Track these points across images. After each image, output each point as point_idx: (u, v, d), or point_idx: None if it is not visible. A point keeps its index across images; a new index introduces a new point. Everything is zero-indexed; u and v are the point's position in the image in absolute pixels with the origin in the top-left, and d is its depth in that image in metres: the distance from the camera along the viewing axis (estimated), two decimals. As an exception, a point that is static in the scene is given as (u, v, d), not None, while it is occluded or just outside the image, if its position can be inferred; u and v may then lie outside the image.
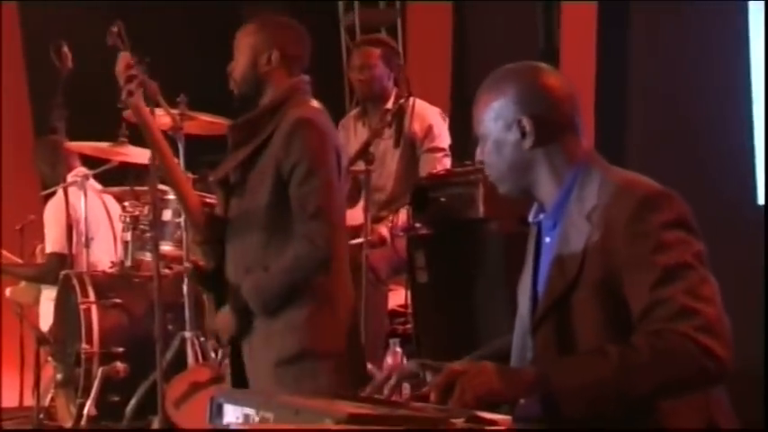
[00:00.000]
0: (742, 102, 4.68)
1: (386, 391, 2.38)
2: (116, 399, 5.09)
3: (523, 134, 2.35)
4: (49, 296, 5.72)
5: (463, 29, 7.00)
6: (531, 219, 2.47)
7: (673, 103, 5.12)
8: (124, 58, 3.66)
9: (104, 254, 5.78)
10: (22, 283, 5.98)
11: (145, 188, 5.41)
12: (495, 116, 2.38)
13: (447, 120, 5.25)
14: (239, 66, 3.56)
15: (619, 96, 5.45)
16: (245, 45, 3.56)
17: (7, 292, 6.03)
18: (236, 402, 2.18)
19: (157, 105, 4.63)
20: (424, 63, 6.97)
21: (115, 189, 5.81)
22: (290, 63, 3.56)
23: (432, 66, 6.99)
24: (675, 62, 5.11)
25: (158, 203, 4.86)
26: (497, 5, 6.54)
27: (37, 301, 5.88)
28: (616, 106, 5.41)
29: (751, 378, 2.24)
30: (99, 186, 5.74)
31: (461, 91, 6.67)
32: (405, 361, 3.29)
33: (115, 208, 5.90)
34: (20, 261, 6.04)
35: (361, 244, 4.29)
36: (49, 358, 5.43)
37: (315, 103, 3.56)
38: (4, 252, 5.94)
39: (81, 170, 5.71)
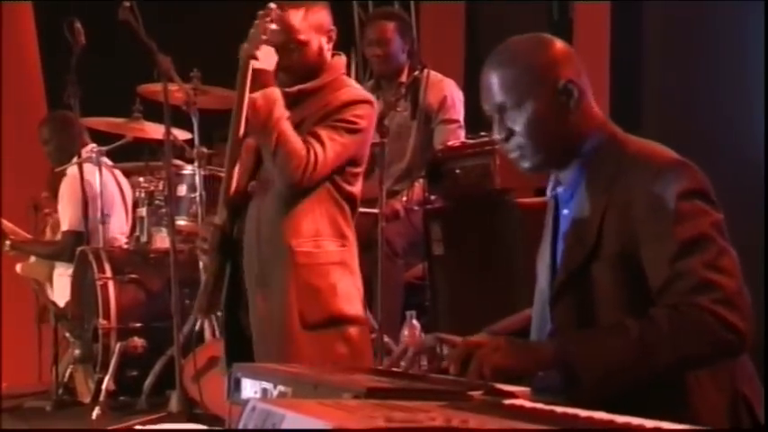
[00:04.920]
0: (759, 99, 4.62)
1: (404, 364, 2.38)
2: (134, 374, 5.13)
3: (569, 98, 2.29)
4: (61, 272, 5.73)
5: (476, 11, 6.96)
6: (548, 192, 2.45)
7: (687, 104, 5.06)
8: (271, 10, 3.38)
9: (119, 230, 5.79)
10: (32, 259, 5.99)
11: (159, 163, 5.42)
12: (533, 83, 2.29)
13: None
14: (301, 56, 3.47)
15: (632, 95, 5.39)
16: (305, 30, 3.46)
17: (18, 268, 6.03)
18: (254, 377, 2.18)
19: (171, 80, 4.65)
20: (437, 36, 6.94)
21: (130, 165, 5.81)
22: (333, 41, 3.58)
23: (445, 39, 6.95)
24: (689, 63, 5.04)
25: (173, 179, 4.87)
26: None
27: (49, 277, 5.89)
28: (630, 106, 5.35)
29: (751, 355, 2.22)
30: (109, 162, 5.74)
31: (475, 62, 6.63)
32: (421, 333, 3.30)
33: (124, 182, 5.90)
34: (28, 236, 6.02)
35: (376, 218, 4.29)
36: (67, 334, 5.45)
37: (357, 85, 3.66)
38: (14, 228, 5.94)
39: (93, 146, 5.70)
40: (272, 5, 3.39)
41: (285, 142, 3.36)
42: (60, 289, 5.70)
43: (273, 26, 3.38)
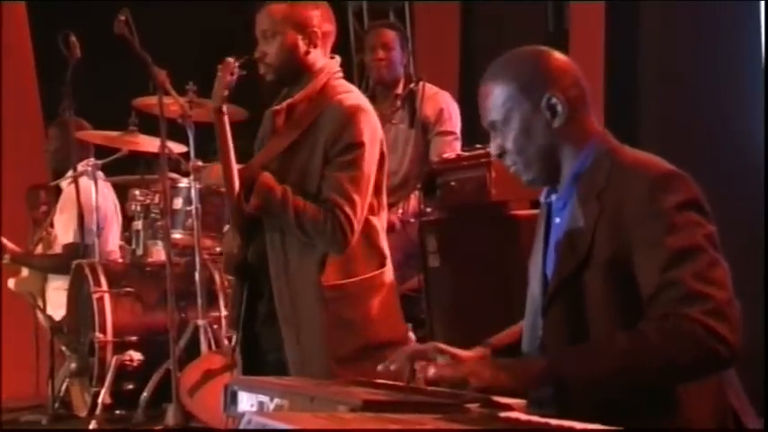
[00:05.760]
0: (758, 101, 4.63)
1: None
2: (130, 387, 5.12)
3: (553, 113, 2.31)
4: (55, 286, 5.72)
5: (472, 15, 6.96)
6: (542, 199, 2.46)
7: (684, 108, 5.06)
8: (229, 64, 3.50)
9: (115, 243, 5.79)
10: (24, 273, 5.95)
11: (155, 176, 5.41)
12: (518, 100, 2.31)
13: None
14: (276, 50, 3.44)
15: (628, 96, 5.40)
16: (280, 28, 3.44)
17: (10, 283, 5.99)
18: (250, 390, 2.18)
19: (166, 93, 4.65)
20: (432, 47, 6.95)
21: (125, 178, 5.80)
22: (325, 41, 3.51)
23: (440, 50, 6.96)
24: (685, 66, 5.05)
25: (169, 192, 4.87)
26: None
27: (42, 291, 5.87)
28: (625, 106, 5.36)
29: (751, 359, 2.22)
30: (103, 176, 5.73)
31: (470, 74, 6.64)
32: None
33: (115, 199, 5.89)
34: (20, 251, 5.98)
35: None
36: (63, 348, 5.45)
37: (355, 89, 3.55)
38: (7, 242, 5.91)
39: (89, 160, 5.68)
40: (230, 59, 3.47)
41: (303, 216, 3.35)
42: (56, 302, 5.69)
43: (234, 78, 3.45)
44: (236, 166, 3.49)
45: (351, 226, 3.34)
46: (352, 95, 3.48)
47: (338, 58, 3.56)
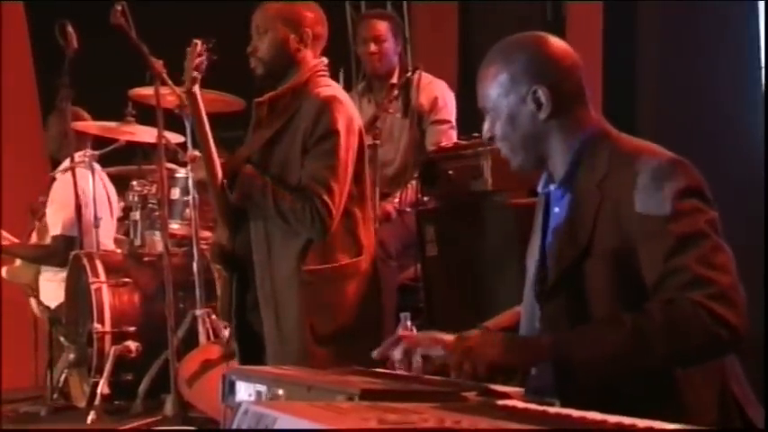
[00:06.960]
0: (757, 98, 4.62)
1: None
2: (129, 378, 5.12)
3: (539, 105, 2.31)
4: (48, 277, 5.70)
5: (470, 13, 6.95)
6: (539, 189, 2.46)
7: (681, 104, 5.04)
8: (196, 45, 3.65)
9: (107, 235, 5.77)
10: (18, 263, 5.93)
11: (152, 167, 5.41)
12: (507, 89, 2.33)
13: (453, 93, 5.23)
14: (267, 45, 3.59)
15: (625, 95, 5.39)
16: (273, 25, 3.58)
17: (3, 272, 5.97)
18: (248, 380, 2.18)
19: (163, 83, 4.65)
20: (430, 36, 6.93)
21: (122, 168, 5.79)
22: (316, 43, 3.64)
23: (438, 39, 6.95)
24: (683, 62, 5.03)
25: (166, 182, 4.86)
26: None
27: (35, 281, 5.85)
28: (623, 106, 5.35)
29: (752, 348, 2.22)
30: (99, 167, 5.71)
31: (469, 63, 6.63)
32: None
33: (111, 189, 5.88)
34: (15, 240, 5.96)
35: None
36: (62, 338, 5.44)
37: (335, 84, 3.68)
38: (2, 232, 5.89)
39: (86, 151, 5.67)
40: (197, 41, 3.62)
41: (283, 204, 3.49)
42: (48, 294, 5.68)
43: (203, 60, 3.61)
44: (215, 151, 3.64)
45: (329, 212, 3.47)
46: (330, 88, 3.61)
47: (325, 59, 3.68)
